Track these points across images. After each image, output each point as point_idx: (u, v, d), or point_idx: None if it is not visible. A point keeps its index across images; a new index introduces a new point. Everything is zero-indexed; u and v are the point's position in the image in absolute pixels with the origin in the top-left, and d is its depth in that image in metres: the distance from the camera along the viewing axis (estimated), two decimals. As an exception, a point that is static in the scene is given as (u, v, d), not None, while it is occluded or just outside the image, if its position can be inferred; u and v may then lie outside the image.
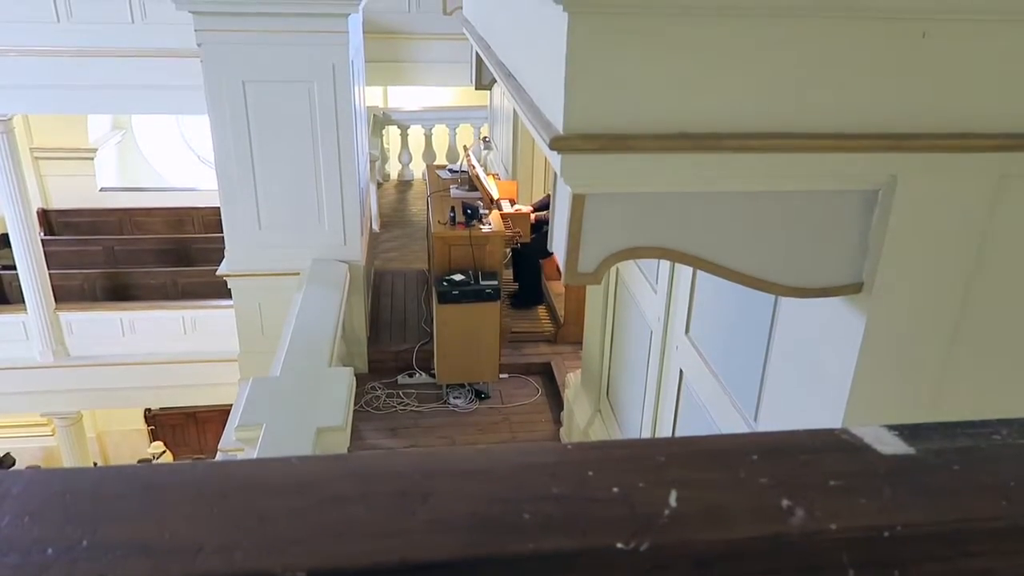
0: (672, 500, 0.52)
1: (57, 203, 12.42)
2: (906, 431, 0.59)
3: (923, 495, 0.53)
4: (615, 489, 0.53)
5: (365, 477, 0.54)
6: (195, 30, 5.54)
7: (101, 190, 12.73)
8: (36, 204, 10.97)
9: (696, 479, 0.54)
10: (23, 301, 9.29)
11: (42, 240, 9.60)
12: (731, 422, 2.90)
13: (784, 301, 2.35)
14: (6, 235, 9.46)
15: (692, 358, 3.39)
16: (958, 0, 1.52)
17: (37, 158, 12.09)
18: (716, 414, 3.10)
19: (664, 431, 3.86)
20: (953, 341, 1.89)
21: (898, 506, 0.52)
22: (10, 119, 8.53)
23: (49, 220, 12.05)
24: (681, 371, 3.55)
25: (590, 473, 0.54)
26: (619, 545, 0.48)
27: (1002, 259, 1.82)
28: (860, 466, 0.55)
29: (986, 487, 0.53)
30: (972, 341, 1.90)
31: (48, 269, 9.35)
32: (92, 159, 12.50)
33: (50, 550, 0.47)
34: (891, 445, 0.58)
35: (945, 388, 1.94)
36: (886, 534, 0.50)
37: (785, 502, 0.51)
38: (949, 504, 0.52)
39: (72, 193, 12.38)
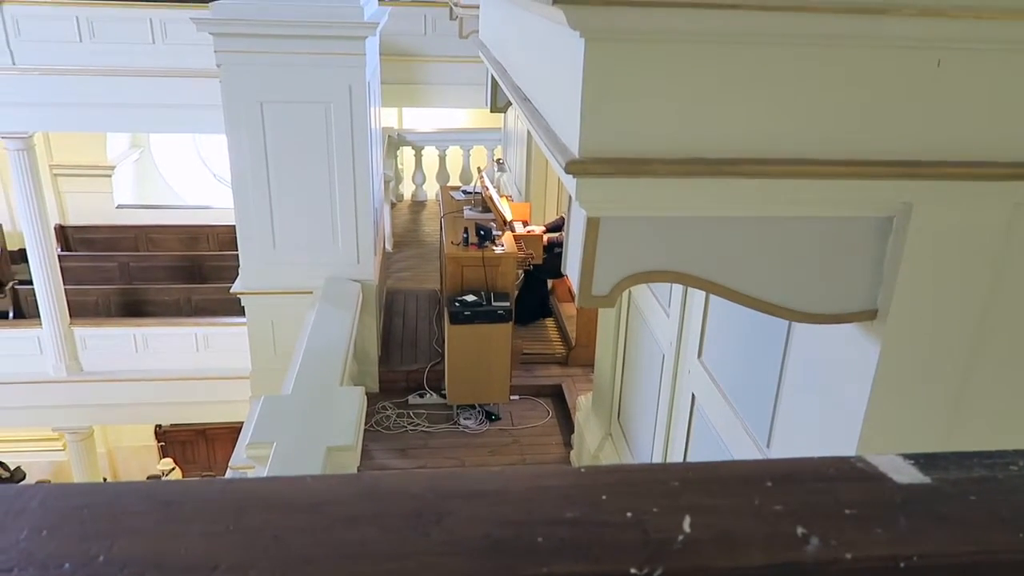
0: (686, 526, 0.51)
1: (74, 219, 12.57)
2: (922, 460, 0.59)
3: (940, 526, 0.52)
4: (629, 514, 0.52)
5: (379, 497, 0.54)
6: (215, 51, 5.62)
7: (118, 207, 12.87)
8: (54, 220, 11.10)
9: (710, 505, 0.54)
10: (39, 316, 9.37)
11: (59, 256, 9.70)
12: (744, 448, 2.88)
13: (798, 326, 2.34)
14: (23, 250, 9.56)
15: (705, 383, 3.37)
16: (972, 29, 1.52)
17: (56, 175, 12.26)
18: (728, 440, 3.08)
19: (676, 456, 3.83)
20: (969, 369, 1.87)
21: (914, 536, 0.51)
22: (31, 136, 8.65)
23: (66, 236, 12.18)
24: (693, 396, 3.53)
25: (604, 497, 0.54)
26: (632, 570, 0.48)
27: (1017, 286, 1.81)
28: (876, 495, 0.55)
29: (1003, 519, 0.53)
30: (988, 369, 1.88)
31: (64, 284, 9.43)
32: (110, 176, 12.66)
33: (67, 564, 0.47)
34: (907, 474, 0.57)
35: (961, 417, 1.92)
36: (902, 564, 0.49)
37: (800, 530, 0.51)
38: (966, 535, 0.52)
39: (89, 209, 12.53)
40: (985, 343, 1.85)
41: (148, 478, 11.92)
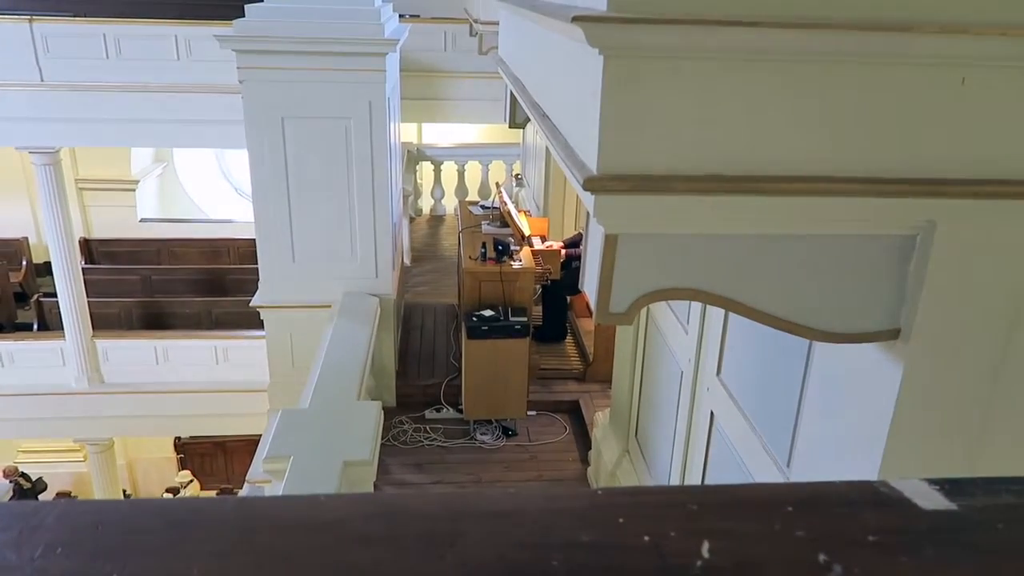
0: (704, 551, 0.50)
1: (99, 233, 12.74)
2: (947, 486, 0.57)
3: (966, 554, 0.51)
4: (646, 537, 0.52)
5: (393, 517, 0.54)
6: (237, 67, 5.70)
7: (141, 221, 13.05)
8: (78, 233, 11.26)
9: (729, 529, 0.53)
10: (62, 328, 9.48)
11: (82, 269, 9.82)
12: (763, 468, 2.84)
13: (819, 345, 2.31)
14: (48, 263, 9.70)
15: (723, 401, 3.34)
16: (997, 47, 1.50)
17: (81, 189, 12.45)
18: (748, 459, 3.04)
19: (694, 475, 3.80)
20: (996, 390, 1.84)
21: (940, 565, 0.50)
22: (57, 151, 8.80)
23: (90, 249, 12.34)
24: (712, 413, 3.50)
25: (621, 520, 0.53)
26: (650, 596, 0.47)
27: (1045, 307, 1.78)
28: (900, 521, 0.54)
29: (1033, 548, 0.51)
30: (1016, 390, 1.85)
31: (87, 297, 9.55)
32: (134, 190, 12.84)
33: (80, 583, 0.47)
34: (932, 500, 0.56)
35: (987, 440, 1.88)
36: (928, 594, 0.48)
37: (822, 557, 0.50)
38: (993, 565, 0.50)
39: (113, 223, 12.71)
40: (1011, 364, 1.82)
41: (166, 490, 12.00)
